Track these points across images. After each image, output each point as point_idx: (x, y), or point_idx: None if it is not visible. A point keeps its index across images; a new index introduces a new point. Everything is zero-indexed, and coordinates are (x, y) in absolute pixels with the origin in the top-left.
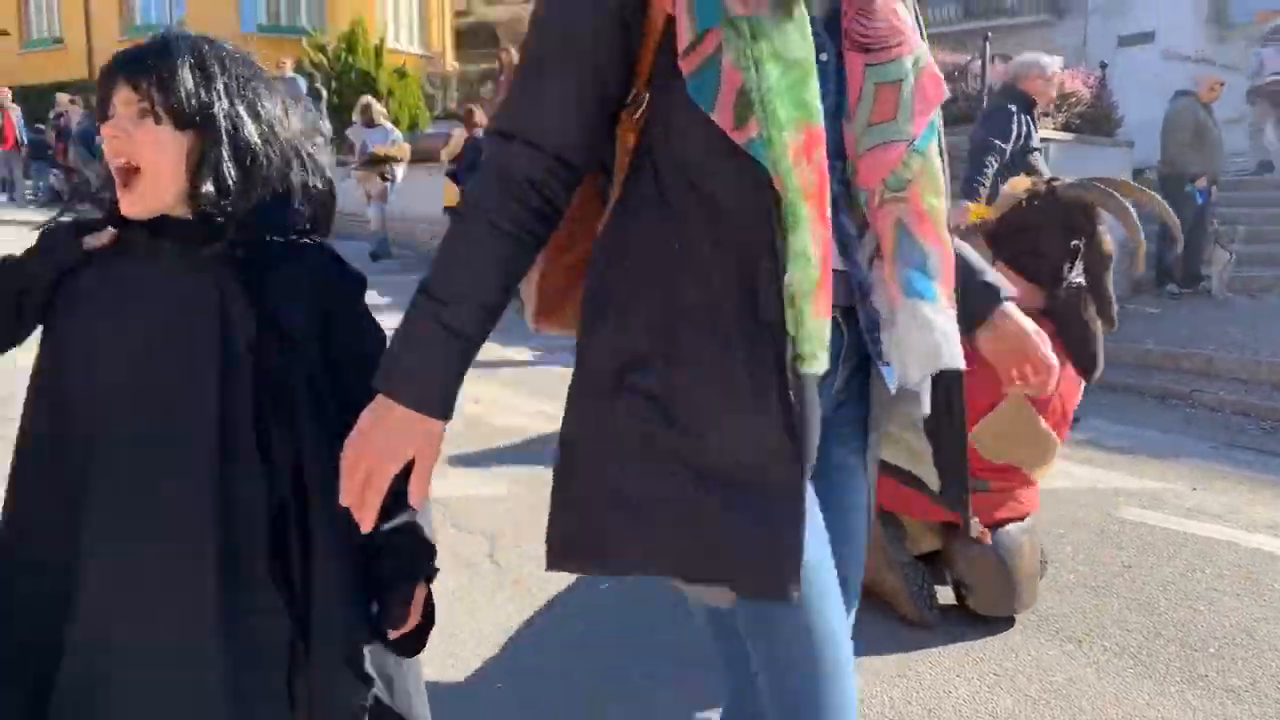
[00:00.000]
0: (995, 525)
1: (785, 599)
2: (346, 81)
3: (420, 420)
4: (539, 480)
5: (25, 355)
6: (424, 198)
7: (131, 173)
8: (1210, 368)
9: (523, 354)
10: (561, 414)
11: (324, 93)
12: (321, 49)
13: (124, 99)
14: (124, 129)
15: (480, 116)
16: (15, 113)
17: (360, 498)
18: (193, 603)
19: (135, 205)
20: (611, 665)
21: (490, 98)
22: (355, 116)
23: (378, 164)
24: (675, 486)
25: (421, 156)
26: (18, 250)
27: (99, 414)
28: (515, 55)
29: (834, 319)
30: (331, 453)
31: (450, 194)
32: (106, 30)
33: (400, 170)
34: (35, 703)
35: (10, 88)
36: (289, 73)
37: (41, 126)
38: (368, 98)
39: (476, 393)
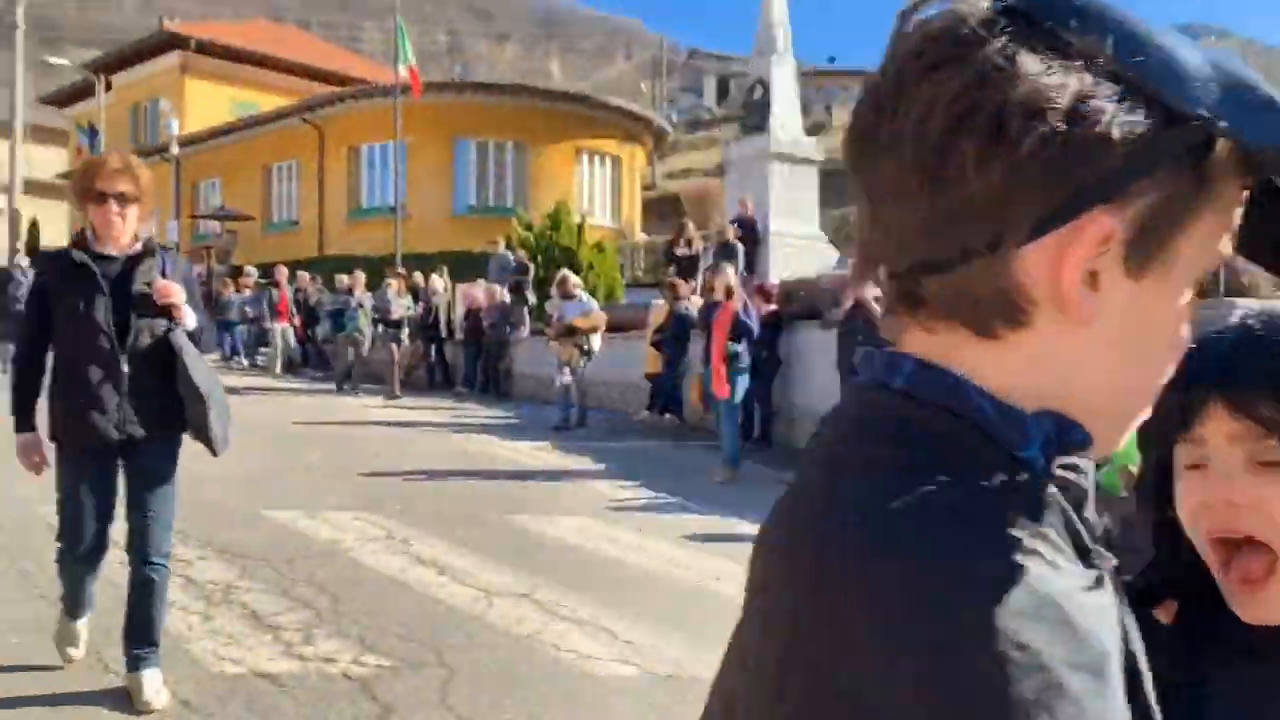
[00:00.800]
0: None
1: None
2: (550, 257)
3: None
4: None
5: None
6: (624, 364)
7: (1259, 555)
8: None
9: (747, 528)
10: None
11: (531, 266)
12: (529, 227)
13: (1228, 434)
14: (1227, 478)
15: (684, 289)
16: (290, 289)
17: None
18: None
19: (1270, 611)
20: None
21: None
22: (553, 289)
23: (573, 334)
24: None
25: (619, 325)
26: None
27: None
28: (692, 227)
29: None
30: None
31: (653, 361)
32: (336, 212)
33: (596, 339)
34: None
35: (255, 265)
36: (501, 249)
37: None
38: (564, 271)
39: (715, 568)
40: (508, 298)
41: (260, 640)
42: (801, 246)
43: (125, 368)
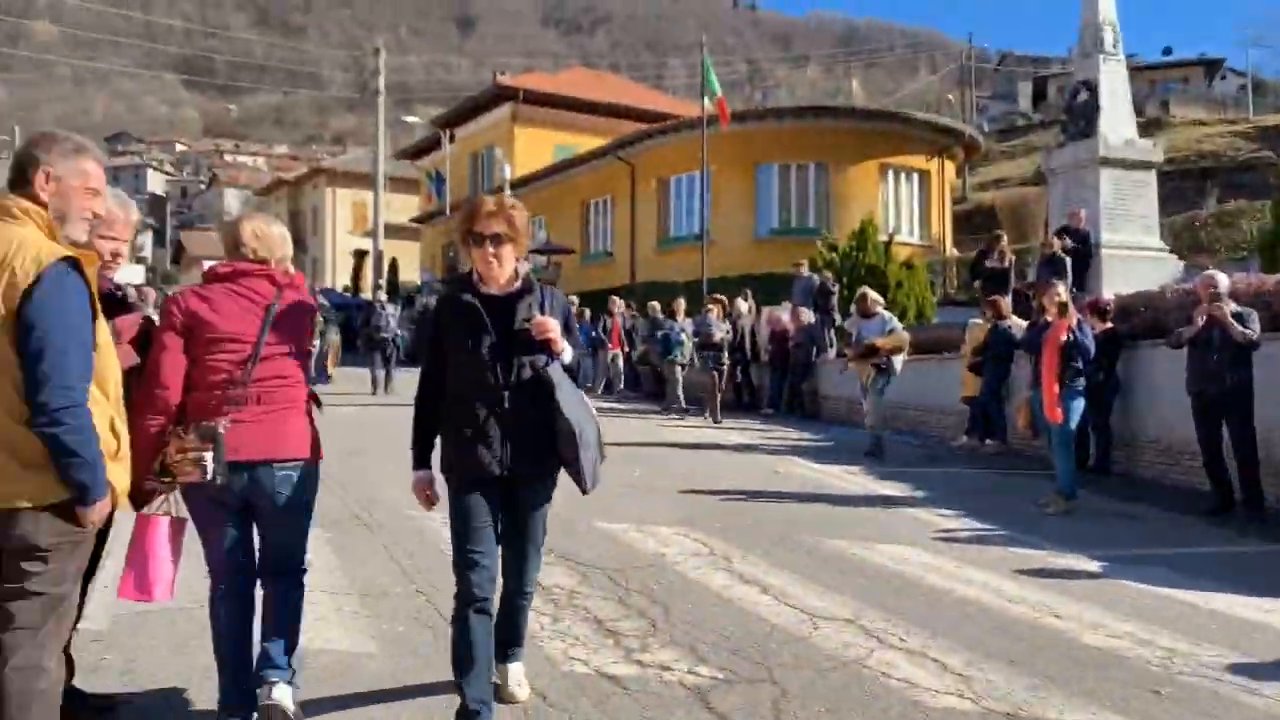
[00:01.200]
0: None
1: None
2: (856, 277)
3: None
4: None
5: None
6: (939, 388)
7: None
8: None
9: (1086, 564)
10: (1152, 635)
11: (835, 288)
12: (833, 247)
13: None
14: None
15: (1005, 306)
16: (621, 318)
17: None
18: None
19: None
20: None
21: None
22: (852, 307)
23: (873, 354)
24: None
25: (930, 346)
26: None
27: None
28: (1005, 239)
29: None
30: None
31: (970, 384)
32: (646, 243)
33: (898, 360)
34: None
35: (574, 294)
36: (805, 271)
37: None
38: (864, 288)
39: (1053, 604)
40: (813, 319)
41: (603, 644)
42: (1138, 258)
43: (508, 404)
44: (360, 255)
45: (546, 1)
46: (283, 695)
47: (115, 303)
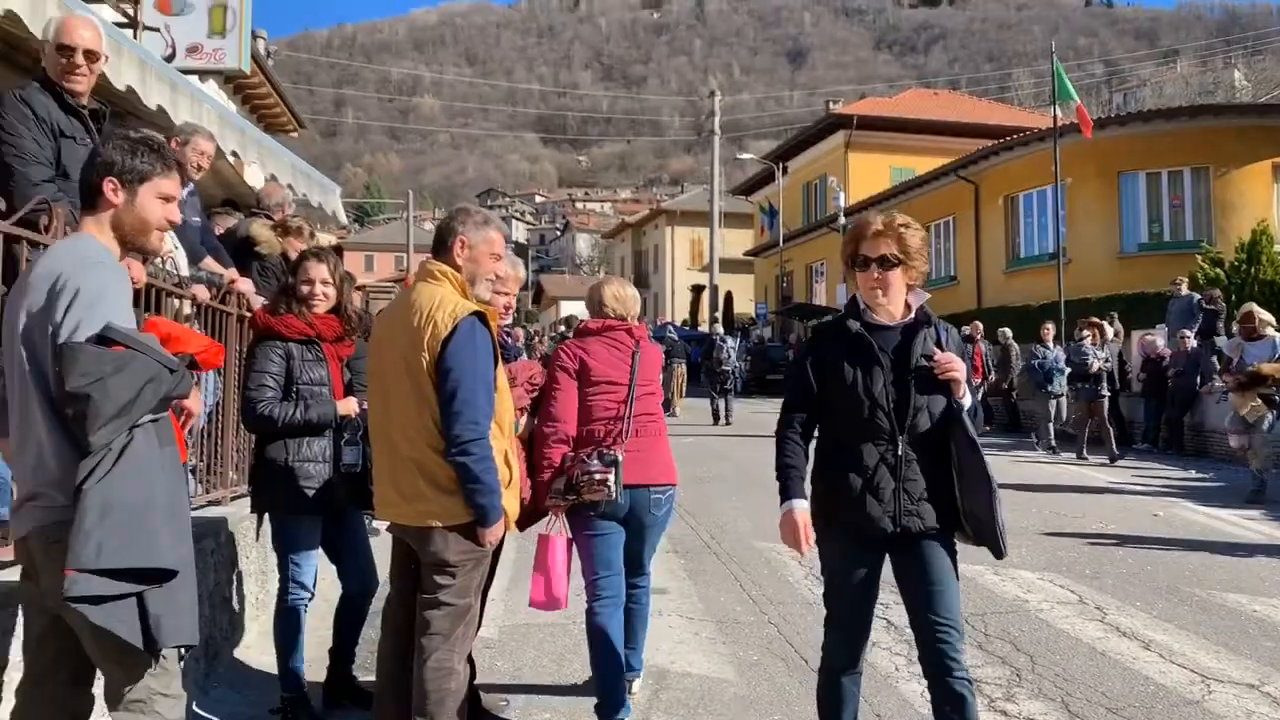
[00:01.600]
0: None
1: None
2: (1248, 294)
3: None
4: None
5: None
6: None
7: None
8: None
9: None
10: None
11: (1223, 308)
12: (1217, 262)
13: None
14: None
15: None
16: (983, 345)
17: None
18: None
19: None
20: None
21: None
22: (1234, 328)
23: (1257, 383)
24: None
25: None
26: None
27: None
28: None
29: None
30: None
31: None
32: (993, 265)
33: None
34: None
35: None
36: (1184, 289)
37: None
38: (1250, 305)
39: None
40: (1195, 344)
41: None
42: None
43: (903, 451)
44: (697, 290)
45: (878, 25)
46: (636, 690)
47: (505, 350)
